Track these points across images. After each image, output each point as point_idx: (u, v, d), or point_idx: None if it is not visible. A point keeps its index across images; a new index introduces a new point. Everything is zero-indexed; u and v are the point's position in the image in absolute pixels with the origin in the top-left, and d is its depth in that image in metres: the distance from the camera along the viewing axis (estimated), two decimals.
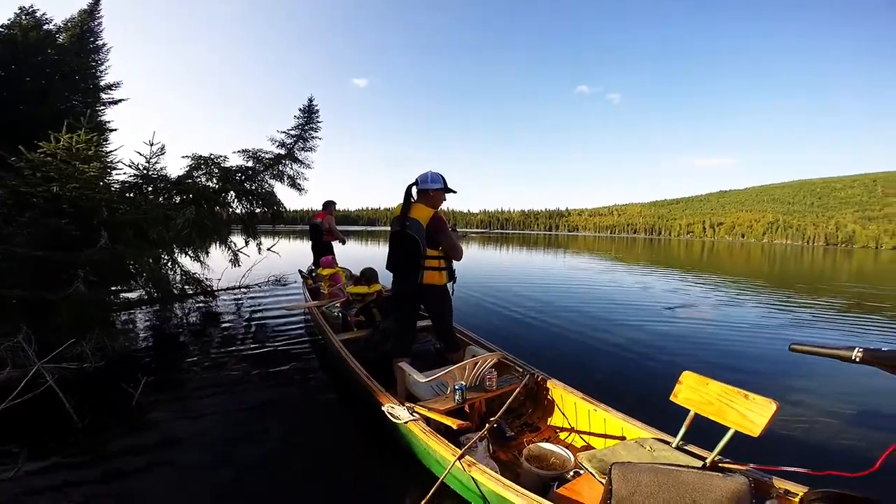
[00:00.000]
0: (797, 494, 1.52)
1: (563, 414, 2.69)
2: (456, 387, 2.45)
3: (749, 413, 1.61)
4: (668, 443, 1.93)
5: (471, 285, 9.25)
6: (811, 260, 30.97)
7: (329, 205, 7.13)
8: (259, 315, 6.02)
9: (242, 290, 7.47)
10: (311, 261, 7.06)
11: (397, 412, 2.28)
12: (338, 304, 4.50)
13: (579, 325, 6.19)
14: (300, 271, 7.21)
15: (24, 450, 2.37)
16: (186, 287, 5.92)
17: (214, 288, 6.60)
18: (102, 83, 9.64)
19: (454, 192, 2.90)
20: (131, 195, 5.17)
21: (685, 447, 1.89)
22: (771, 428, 1.57)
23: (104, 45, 9.84)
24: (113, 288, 4.69)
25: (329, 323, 4.08)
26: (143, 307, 5.61)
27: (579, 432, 2.57)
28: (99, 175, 4.12)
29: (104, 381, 3.31)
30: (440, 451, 1.97)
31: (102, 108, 9.62)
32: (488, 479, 1.72)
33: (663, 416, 2.12)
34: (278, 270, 7.96)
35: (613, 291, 9.64)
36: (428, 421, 2.25)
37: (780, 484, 1.60)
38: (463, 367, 2.52)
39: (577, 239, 74.81)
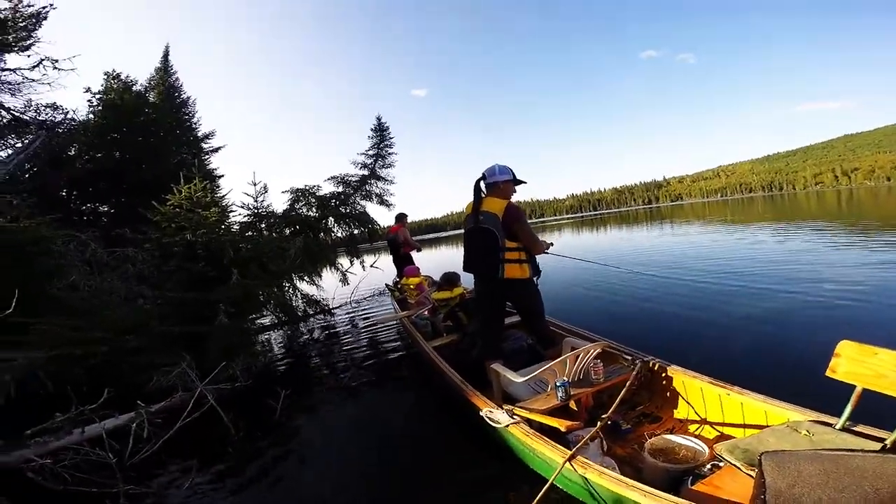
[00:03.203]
0: None
1: (688, 402, 2.39)
2: (557, 383, 2.27)
3: None
4: (830, 425, 1.61)
5: (563, 275, 8.55)
6: None
7: (401, 217, 7.34)
8: (368, 327, 6.41)
9: (353, 304, 8.25)
10: (395, 273, 7.30)
11: (496, 416, 2.18)
12: (425, 313, 4.57)
13: (696, 302, 5.49)
14: (387, 285, 7.44)
15: (196, 461, 2.71)
16: (307, 308, 6.65)
17: (330, 306, 7.28)
18: (200, 134, 10.90)
19: (524, 182, 2.80)
20: (249, 233, 5.89)
21: (853, 428, 1.57)
22: None
23: (189, 97, 11.03)
24: (250, 316, 5.39)
25: (419, 331, 4.12)
26: (275, 330, 6.37)
27: (711, 423, 2.25)
28: (219, 219, 4.77)
29: (252, 396, 3.75)
30: (546, 454, 1.86)
31: (206, 157, 10.86)
32: (605, 479, 1.58)
33: (817, 396, 1.79)
34: (381, 284, 8.42)
35: (732, 259, 8.40)
36: (530, 422, 2.13)
37: None
38: (563, 361, 2.34)
39: (683, 208, 67.67)
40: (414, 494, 2.29)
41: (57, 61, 6.79)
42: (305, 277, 6.81)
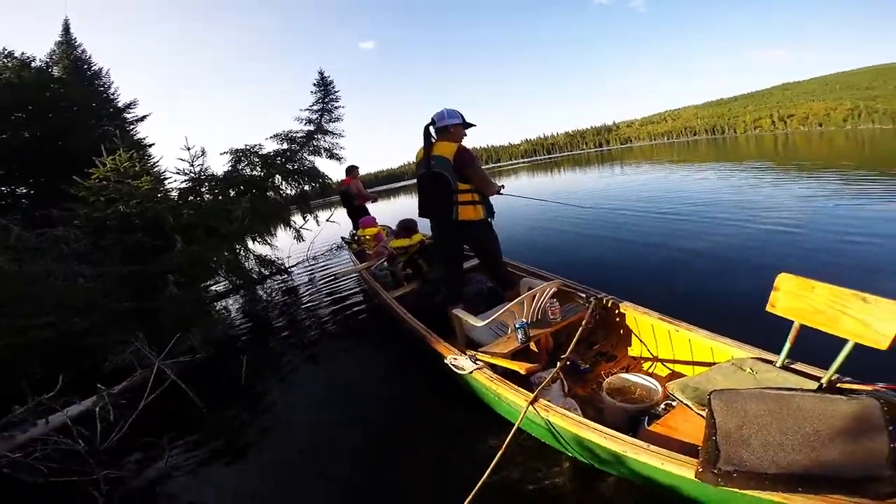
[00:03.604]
0: None
1: (641, 340, 2.51)
2: (517, 325, 2.29)
3: (871, 320, 1.32)
4: (771, 362, 1.69)
5: (517, 217, 8.82)
6: None
7: (352, 169, 7.22)
8: (328, 282, 6.33)
9: (310, 261, 8.14)
10: (351, 226, 7.22)
11: (460, 362, 2.20)
12: (385, 263, 4.50)
13: (643, 239, 5.79)
14: (343, 238, 7.38)
15: (166, 438, 2.67)
16: (262, 270, 6.48)
17: (286, 266, 7.23)
18: (120, 104, 10.13)
19: (474, 125, 2.76)
20: (190, 198, 5.57)
21: (792, 366, 1.66)
22: None
23: (101, 69, 10.21)
24: (202, 284, 5.16)
25: (380, 282, 4.10)
26: (232, 295, 6.15)
27: (662, 360, 2.37)
28: (153, 187, 4.45)
29: (215, 367, 3.68)
30: (511, 398, 1.90)
31: (131, 127, 10.15)
32: (567, 421, 1.63)
33: (758, 331, 1.88)
34: (338, 238, 8.29)
35: (676, 198, 8.84)
36: (494, 367, 2.16)
37: None
38: (521, 302, 2.34)
39: (633, 150, 69.63)
40: (385, 448, 2.35)
41: None
42: (258, 238, 6.63)
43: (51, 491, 2.23)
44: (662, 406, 1.84)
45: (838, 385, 1.50)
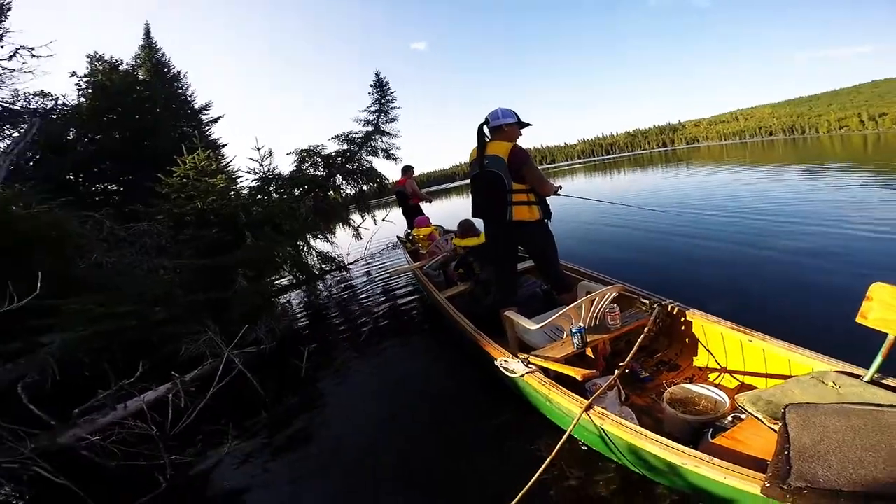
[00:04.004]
0: None
1: (708, 349, 2.35)
2: (573, 330, 2.22)
3: None
4: (858, 377, 1.55)
5: (576, 219, 8.57)
6: None
7: (407, 169, 7.33)
8: (383, 279, 6.52)
9: (368, 259, 8.40)
10: (406, 225, 7.34)
11: (511, 365, 2.16)
12: (439, 261, 4.53)
13: (715, 243, 5.40)
14: (398, 237, 7.50)
15: (231, 425, 2.80)
16: (323, 266, 6.78)
17: (345, 262, 7.46)
18: (197, 106, 10.98)
19: (530, 124, 2.70)
20: (259, 197, 5.96)
21: (882, 381, 1.50)
22: None
23: (180, 72, 11.14)
24: (269, 278, 5.51)
25: (432, 281, 4.13)
26: (295, 290, 6.50)
27: (732, 371, 2.22)
28: (227, 185, 4.81)
29: (278, 358, 3.86)
30: (563, 404, 1.83)
31: (207, 128, 10.97)
32: (623, 430, 1.56)
33: (846, 344, 1.72)
34: (393, 237, 8.49)
35: (756, 202, 8.11)
36: (546, 371, 2.10)
37: None
38: (578, 306, 2.27)
39: (699, 150, 65.40)
40: (433, 446, 2.37)
41: (33, 49, 6.67)
42: (319, 235, 6.92)
43: (120, 474, 2.37)
44: (730, 419, 1.71)
45: None
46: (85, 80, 8.03)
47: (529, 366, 2.13)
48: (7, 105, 6.84)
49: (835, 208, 6.48)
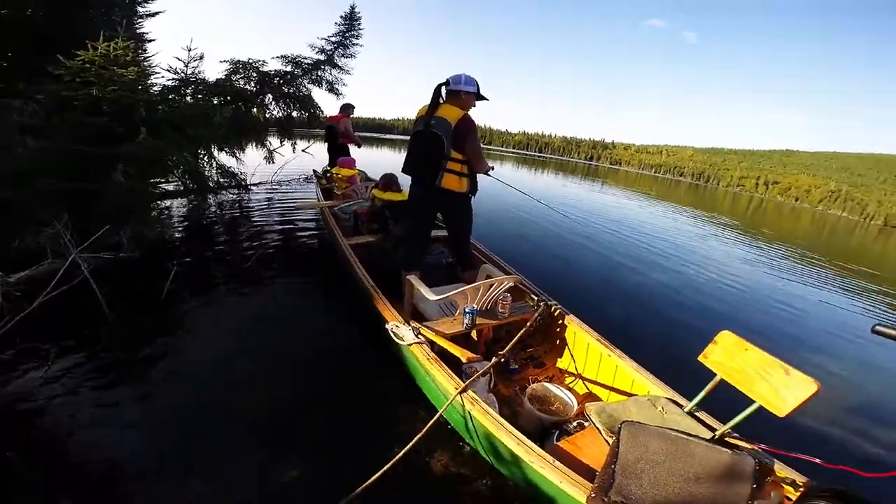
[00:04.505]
0: (800, 485, 1.42)
1: (572, 354, 2.57)
2: (467, 310, 2.29)
3: (783, 389, 1.43)
4: (680, 406, 1.80)
5: (495, 202, 8.94)
6: (864, 236, 26.87)
7: (347, 107, 7.01)
8: (286, 211, 6.11)
9: (274, 185, 7.91)
10: (327, 162, 7.04)
11: (401, 332, 2.17)
12: (354, 207, 4.37)
13: (606, 261, 5.99)
14: (315, 171, 7.26)
15: (56, 345, 2.35)
16: (222, 180, 6.20)
17: (248, 182, 6.96)
18: None
19: (486, 98, 2.67)
20: (171, 97, 5.27)
21: (697, 413, 1.76)
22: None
23: None
24: (152, 180, 4.81)
25: (340, 226, 3.98)
26: (180, 197, 5.76)
27: (586, 379, 2.45)
28: (137, 79, 4.12)
29: (138, 271, 3.36)
30: (442, 383, 1.89)
31: (140, 20, 9.35)
32: (487, 419, 1.65)
33: (683, 376, 1.98)
34: (309, 170, 8.11)
35: (648, 232, 9.17)
36: (432, 345, 2.15)
37: (785, 472, 1.49)
38: (477, 288, 2.36)
39: (618, 173, 71.12)
40: (303, 399, 2.23)
41: None
42: (226, 150, 6.27)
43: None
44: (574, 424, 1.90)
45: (727, 438, 1.61)
46: None
47: (419, 336, 2.15)
48: None
49: (708, 255, 7.64)
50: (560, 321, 2.67)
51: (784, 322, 4.73)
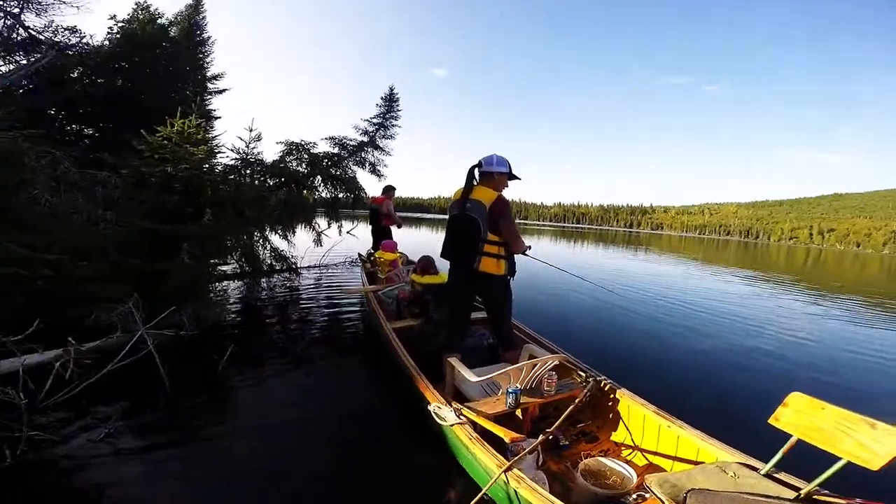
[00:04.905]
0: None
1: (628, 428, 2.43)
2: (509, 390, 2.28)
3: (871, 443, 1.34)
4: (756, 469, 1.66)
5: (535, 281, 8.65)
6: None
7: (389, 189, 7.24)
8: (333, 294, 6.31)
9: (322, 268, 8.18)
10: (371, 244, 7.22)
11: (443, 413, 2.16)
12: (396, 291, 4.44)
13: (658, 331, 5.67)
14: (360, 255, 7.38)
15: (118, 412, 2.52)
16: (274, 263, 6.50)
17: (298, 265, 7.20)
18: (209, 73, 10.80)
19: (518, 178, 2.76)
20: (232, 177, 5.74)
21: (776, 475, 1.61)
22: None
23: (209, 37, 11.07)
24: (212, 262, 5.20)
25: (383, 309, 4.05)
26: (236, 280, 6.15)
27: (645, 450, 2.30)
28: (206, 157, 4.60)
29: (196, 348, 3.55)
30: (485, 462, 1.84)
31: (209, 97, 10.76)
32: (536, 497, 1.56)
33: (754, 441, 1.84)
34: (354, 253, 8.36)
35: (699, 297, 8.72)
36: (475, 425, 2.13)
37: None
38: (520, 368, 2.36)
39: (661, 238, 69.36)
40: (345, 473, 2.24)
41: None
42: (279, 231, 6.67)
43: None
44: (634, 496, 1.76)
45: (815, 496, 1.49)
46: (120, 24, 7.95)
47: (460, 416, 2.13)
48: (34, 33, 6.68)
49: (768, 315, 7.13)
50: (611, 395, 2.57)
51: (864, 373, 4.50)
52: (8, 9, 6.22)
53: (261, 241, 6.18)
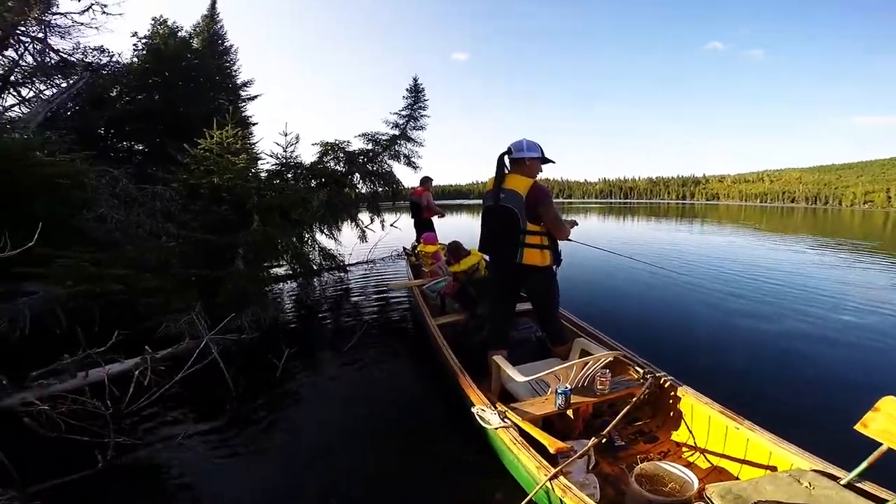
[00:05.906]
0: None
1: (690, 428, 2.27)
2: (559, 390, 2.14)
3: None
4: (836, 478, 1.52)
5: (584, 265, 7.97)
6: None
7: (426, 181, 7.22)
8: (380, 289, 6.46)
9: (369, 264, 8.36)
10: (414, 237, 7.25)
11: (487, 416, 2.10)
12: (441, 285, 4.39)
13: (721, 315, 5.19)
14: (404, 248, 7.39)
15: (191, 415, 2.78)
16: (323, 262, 6.71)
17: (346, 263, 7.40)
18: (239, 82, 11.20)
19: (552, 161, 2.59)
20: (276, 182, 5.94)
21: (859, 484, 1.46)
22: None
23: (232, 46, 11.35)
24: (265, 264, 5.45)
25: (427, 304, 3.98)
26: (288, 281, 6.44)
27: (709, 452, 2.14)
28: (247, 165, 4.79)
29: (256, 351, 3.72)
30: (530, 468, 1.77)
31: (243, 104, 11.16)
32: None
33: (836, 448, 1.66)
34: (400, 246, 8.45)
35: (768, 269, 7.91)
36: (520, 429, 2.05)
37: None
38: (570, 367, 2.22)
39: (717, 209, 64.43)
40: (391, 467, 2.36)
41: (105, 6, 7.05)
42: (325, 230, 6.87)
43: (58, 447, 2.19)
44: None
45: None
46: (143, 41, 8.32)
47: (505, 420, 2.08)
48: (66, 55, 7.11)
49: (857, 292, 6.29)
50: (672, 393, 2.40)
51: None
52: (32, 34, 6.64)
53: (309, 241, 6.38)
